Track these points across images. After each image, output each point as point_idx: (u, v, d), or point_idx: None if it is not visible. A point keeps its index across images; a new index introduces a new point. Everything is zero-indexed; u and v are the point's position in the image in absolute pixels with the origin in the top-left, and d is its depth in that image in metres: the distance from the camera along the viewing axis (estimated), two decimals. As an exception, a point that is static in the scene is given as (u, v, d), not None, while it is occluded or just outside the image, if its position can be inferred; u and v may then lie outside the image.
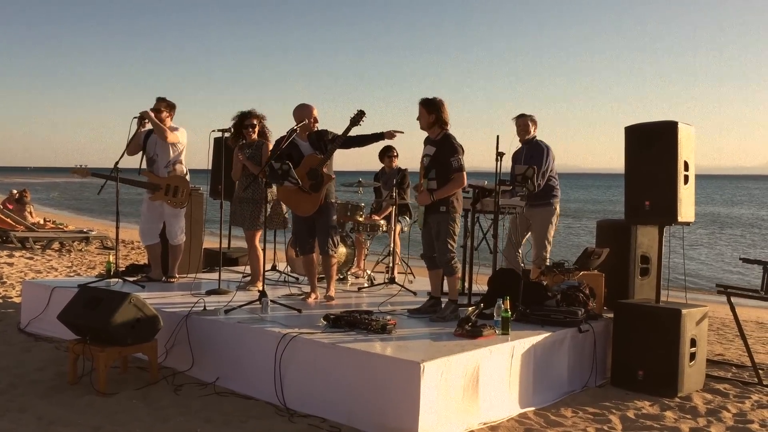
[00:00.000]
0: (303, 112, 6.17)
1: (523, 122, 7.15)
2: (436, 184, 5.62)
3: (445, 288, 5.83)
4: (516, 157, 7.17)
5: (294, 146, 6.15)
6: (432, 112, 5.65)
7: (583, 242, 20.21)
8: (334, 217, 6.36)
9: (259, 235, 6.84)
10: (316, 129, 6.23)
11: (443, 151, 5.61)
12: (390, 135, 6.18)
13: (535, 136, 7.17)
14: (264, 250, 6.78)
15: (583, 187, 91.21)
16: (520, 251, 7.23)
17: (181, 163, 7.06)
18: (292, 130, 6.04)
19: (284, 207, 6.85)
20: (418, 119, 5.73)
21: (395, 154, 8.39)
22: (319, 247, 6.32)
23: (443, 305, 5.73)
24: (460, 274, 5.89)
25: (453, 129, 5.72)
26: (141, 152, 7.03)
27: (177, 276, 7.31)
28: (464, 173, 5.64)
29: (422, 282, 5.91)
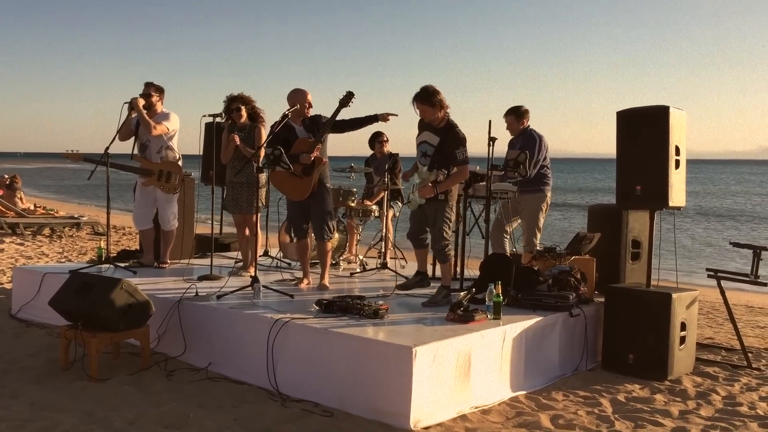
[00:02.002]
0: (297, 96, 6.13)
1: (507, 120, 7.21)
2: (440, 176, 5.57)
3: (412, 270, 5.82)
4: (511, 145, 7.19)
5: (290, 130, 6.13)
6: (435, 104, 5.46)
7: (575, 227, 20.28)
8: (330, 203, 6.33)
9: (258, 218, 6.82)
10: (310, 114, 6.20)
11: (448, 142, 5.50)
12: (384, 117, 6.13)
13: (528, 126, 7.18)
14: (256, 235, 6.78)
15: (575, 171, 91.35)
16: (506, 235, 7.24)
17: (172, 149, 7.03)
18: (285, 115, 6.01)
19: (263, 191, 6.85)
20: (422, 117, 5.57)
21: (386, 139, 8.37)
22: (314, 233, 6.29)
23: (436, 290, 5.74)
24: (453, 261, 5.88)
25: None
26: (133, 137, 6.99)
27: (169, 261, 7.30)
28: (468, 166, 5.58)
29: (414, 267, 5.92)
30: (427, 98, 5.47)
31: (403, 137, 5.98)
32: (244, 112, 6.71)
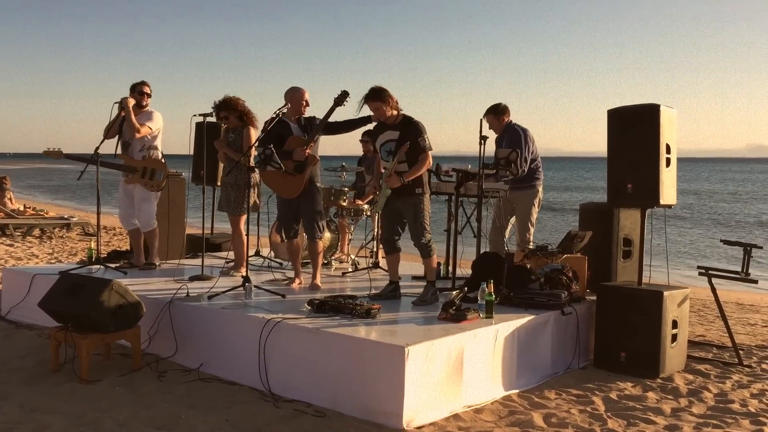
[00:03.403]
0: (293, 94, 6.14)
1: (487, 120, 7.17)
2: (406, 167, 5.57)
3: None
4: (498, 144, 7.19)
5: (285, 126, 6.12)
6: (385, 99, 5.54)
7: (567, 225, 20.33)
8: (320, 202, 6.32)
9: (243, 219, 6.80)
10: (306, 112, 6.20)
11: (409, 133, 5.55)
12: (376, 119, 6.13)
13: (510, 121, 7.15)
14: (247, 235, 6.75)
15: (565, 170, 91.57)
16: (506, 235, 7.24)
17: (155, 147, 6.98)
18: (277, 113, 6.01)
19: (256, 191, 6.84)
20: (376, 115, 5.63)
21: (365, 140, 8.35)
22: (305, 232, 6.28)
23: (423, 289, 5.73)
24: (435, 255, 5.86)
25: (436, 115, 5.68)
26: (117, 136, 6.96)
27: (157, 262, 7.22)
28: (430, 152, 5.61)
29: (404, 266, 5.91)
30: (377, 95, 5.55)
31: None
32: (232, 118, 6.72)
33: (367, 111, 5.71)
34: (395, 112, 5.63)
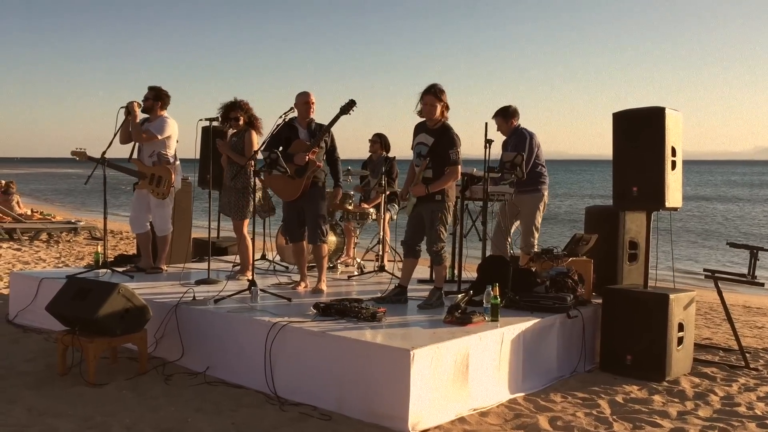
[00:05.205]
0: (297, 98, 6.20)
1: (496, 121, 7.24)
2: (431, 174, 5.58)
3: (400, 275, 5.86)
4: (504, 146, 7.22)
5: (293, 130, 6.18)
6: (441, 100, 5.58)
7: (572, 228, 20.28)
8: (324, 206, 6.34)
9: (246, 224, 6.82)
10: (312, 114, 6.24)
11: (442, 142, 5.54)
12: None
13: (518, 125, 7.19)
14: (253, 239, 6.77)
15: (570, 172, 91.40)
16: (509, 238, 7.25)
17: (165, 154, 6.99)
18: (284, 115, 6.06)
19: (260, 194, 6.88)
20: (425, 110, 5.61)
21: (375, 140, 8.37)
22: (308, 237, 6.30)
23: (429, 292, 5.74)
24: (447, 263, 5.87)
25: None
26: (133, 141, 7.00)
27: (164, 267, 7.23)
28: (459, 167, 5.61)
29: (418, 274, 5.91)
30: (437, 93, 5.59)
31: (402, 140, 5.98)
32: (242, 121, 6.75)
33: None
34: (441, 117, 5.64)
